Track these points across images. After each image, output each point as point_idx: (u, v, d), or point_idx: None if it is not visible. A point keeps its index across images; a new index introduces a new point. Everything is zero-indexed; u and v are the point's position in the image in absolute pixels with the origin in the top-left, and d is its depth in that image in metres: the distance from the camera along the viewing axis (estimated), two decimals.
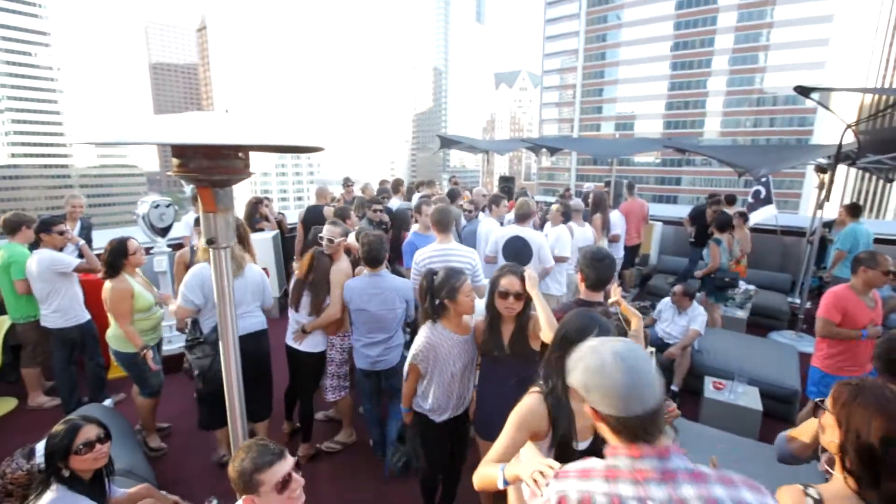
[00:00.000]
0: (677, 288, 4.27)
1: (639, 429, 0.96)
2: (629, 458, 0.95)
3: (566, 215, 4.92)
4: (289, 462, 1.42)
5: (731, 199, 7.14)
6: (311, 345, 3.12)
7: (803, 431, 1.62)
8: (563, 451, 1.51)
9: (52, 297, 3.48)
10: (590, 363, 1.02)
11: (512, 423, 1.52)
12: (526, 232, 4.06)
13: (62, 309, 3.51)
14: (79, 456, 1.73)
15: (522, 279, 2.09)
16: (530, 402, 1.55)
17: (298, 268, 3.16)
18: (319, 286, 3.04)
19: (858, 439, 1.17)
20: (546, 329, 1.91)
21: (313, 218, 5.13)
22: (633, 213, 6.85)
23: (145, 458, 2.79)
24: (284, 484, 1.38)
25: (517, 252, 3.96)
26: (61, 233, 3.55)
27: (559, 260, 4.33)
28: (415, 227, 4.29)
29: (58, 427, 1.76)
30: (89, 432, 1.78)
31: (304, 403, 3.26)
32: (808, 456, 1.62)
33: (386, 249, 2.97)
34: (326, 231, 3.13)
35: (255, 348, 2.89)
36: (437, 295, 2.21)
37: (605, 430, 1.03)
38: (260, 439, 1.47)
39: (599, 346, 1.04)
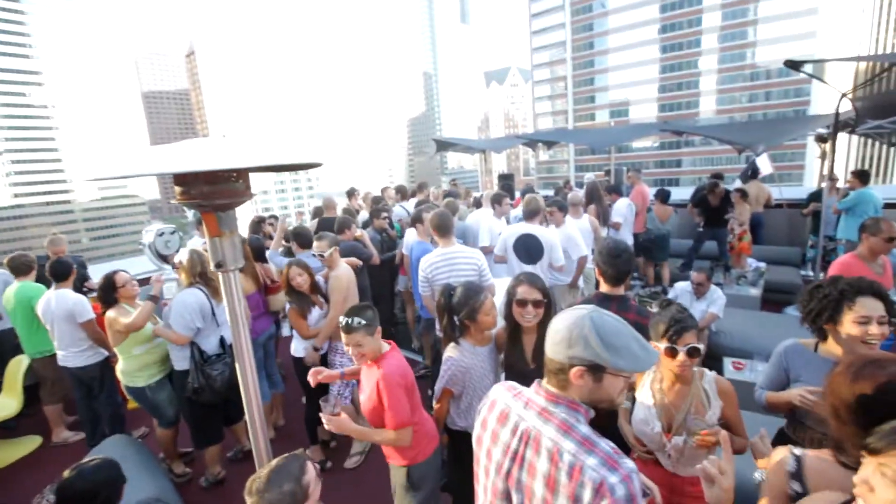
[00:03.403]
0: (697, 276, 4.03)
1: (548, 373, 1.15)
2: (533, 391, 1.21)
3: (563, 210, 4.61)
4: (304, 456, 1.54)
5: (754, 174, 7.33)
6: (303, 349, 3.24)
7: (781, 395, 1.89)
8: None
9: (71, 336, 3.40)
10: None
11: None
12: (536, 229, 3.88)
13: (81, 348, 3.44)
14: None
15: (539, 288, 2.02)
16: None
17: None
18: (301, 297, 3.20)
19: (828, 399, 1.19)
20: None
21: (326, 229, 5.22)
22: (644, 200, 6.60)
23: (172, 484, 2.80)
24: (319, 470, 1.52)
25: (528, 250, 3.83)
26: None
27: (581, 261, 4.13)
28: (412, 234, 4.31)
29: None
30: None
31: (308, 407, 3.31)
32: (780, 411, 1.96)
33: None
34: (315, 248, 3.33)
35: None
36: (457, 314, 2.14)
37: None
38: (267, 469, 1.43)
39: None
